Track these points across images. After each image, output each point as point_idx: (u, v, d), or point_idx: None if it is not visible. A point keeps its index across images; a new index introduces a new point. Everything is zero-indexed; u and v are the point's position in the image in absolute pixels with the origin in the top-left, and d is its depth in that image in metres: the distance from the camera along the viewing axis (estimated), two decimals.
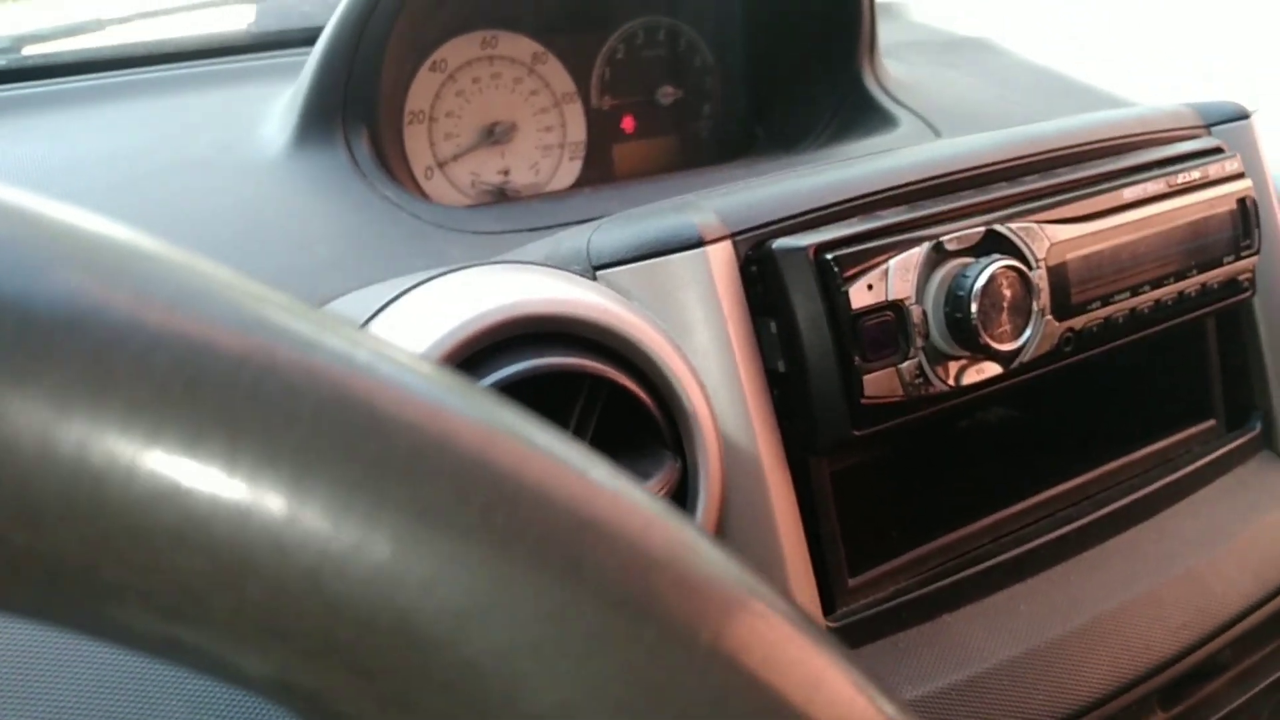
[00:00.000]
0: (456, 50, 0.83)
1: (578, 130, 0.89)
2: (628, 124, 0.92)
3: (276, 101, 0.74)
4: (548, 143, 0.88)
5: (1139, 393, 0.74)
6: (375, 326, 0.47)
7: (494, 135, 0.85)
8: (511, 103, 0.86)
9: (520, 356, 0.45)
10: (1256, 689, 0.67)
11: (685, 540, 0.17)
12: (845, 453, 0.62)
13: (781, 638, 0.17)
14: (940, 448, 0.71)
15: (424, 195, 0.80)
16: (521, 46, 0.86)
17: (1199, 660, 0.61)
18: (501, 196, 0.86)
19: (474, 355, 0.45)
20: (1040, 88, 1.01)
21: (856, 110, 0.90)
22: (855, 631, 0.55)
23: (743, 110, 0.97)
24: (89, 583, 0.14)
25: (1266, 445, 0.72)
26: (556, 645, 0.15)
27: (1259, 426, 0.72)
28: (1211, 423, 0.72)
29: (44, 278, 0.14)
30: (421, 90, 0.82)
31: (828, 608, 0.55)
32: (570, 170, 0.89)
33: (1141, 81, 1.03)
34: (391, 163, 0.74)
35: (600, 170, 0.91)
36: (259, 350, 0.15)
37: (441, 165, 0.83)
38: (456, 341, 0.44)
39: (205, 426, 0.14)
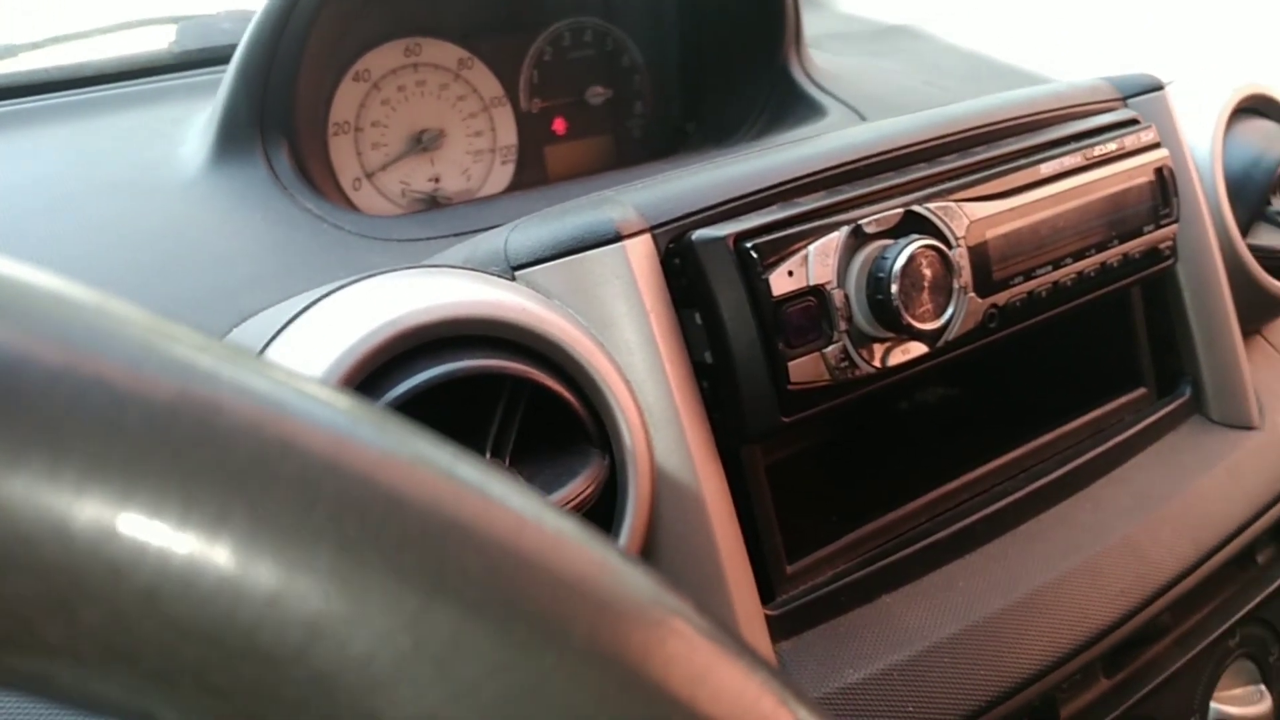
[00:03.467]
0: (379, 59, 0.83)
1: (508, 134, 0.89)
2: (559, 126, 0.92)
3: (197, 120, 0.74)
4: (478, 148, 0.88)
5: (1070, 365, 0.75)
6: (284, 338, 0.46)
7: (422, 143, 0.84)
8: (439, 109, 0.86)
9: (437, 361, 0.45)
10: (1197, 649, 0.67)
11: (562, 537, 0.17)
12: (777, 440, 0.62)
13: (665, 632, 0.17)
14: (876, 430, 0.71)
15: (353, 206, 0.80)
16: (446, 53, 0.86)
17: (1139, 625, 0.62)
18: (433, 204, 0.85)
19: (390, 362, 0.45)
20: (968, 71, 1.02)
21: (785, 102, 0.91)
22: (796, 618, 0.55)
23: (674, 107, 0.97)
24: None
25: (1196, 410, 0.73)
26: (418, 652, 0.15)
27: (1188, 392, 0.73)
28: (1142, 391, 0.73)
29: None
30: (345, 101, 0.81)
31: (766, 596, 0.55)
32: (503, 175, 0.89)
33: (1076, 59, 1.04)
34: (315, 175, 0.73)
35: (533, 173, 0.90)
36: (81, 361, 0.14)
37: (370, 175, 0.82)
38: (368, 349, 0.43)
39: (26, 440, 0.13)
